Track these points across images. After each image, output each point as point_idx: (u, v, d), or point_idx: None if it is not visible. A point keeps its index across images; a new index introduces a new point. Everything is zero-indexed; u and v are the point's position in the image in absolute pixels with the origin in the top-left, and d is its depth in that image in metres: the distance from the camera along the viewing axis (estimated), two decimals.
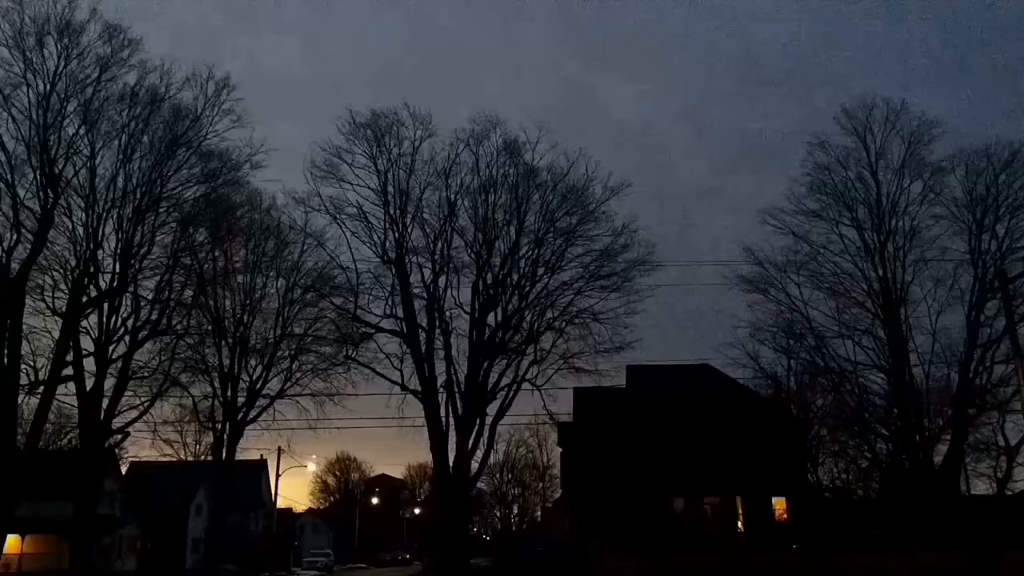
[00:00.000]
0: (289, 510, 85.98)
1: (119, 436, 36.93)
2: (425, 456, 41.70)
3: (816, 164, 36.64)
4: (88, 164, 32.02)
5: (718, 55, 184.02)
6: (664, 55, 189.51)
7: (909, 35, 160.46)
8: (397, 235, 37.56)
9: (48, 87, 30.47)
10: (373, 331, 37.84)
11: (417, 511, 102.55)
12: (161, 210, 34.17)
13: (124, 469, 56.59)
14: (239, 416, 40.74)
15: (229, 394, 40.44)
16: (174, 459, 63.83)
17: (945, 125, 35.20)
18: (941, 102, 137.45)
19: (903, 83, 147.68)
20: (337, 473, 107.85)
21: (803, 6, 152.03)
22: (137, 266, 33.75)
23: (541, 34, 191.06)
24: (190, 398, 39.97)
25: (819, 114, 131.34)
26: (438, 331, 37.48)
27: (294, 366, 41.24)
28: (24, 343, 30.39)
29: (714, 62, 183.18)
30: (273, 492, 62.28)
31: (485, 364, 37.02)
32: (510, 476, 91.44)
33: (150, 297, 34.66)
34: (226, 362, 40.34)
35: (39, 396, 31.17)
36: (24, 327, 30.37)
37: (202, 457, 61.78)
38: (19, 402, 31.29)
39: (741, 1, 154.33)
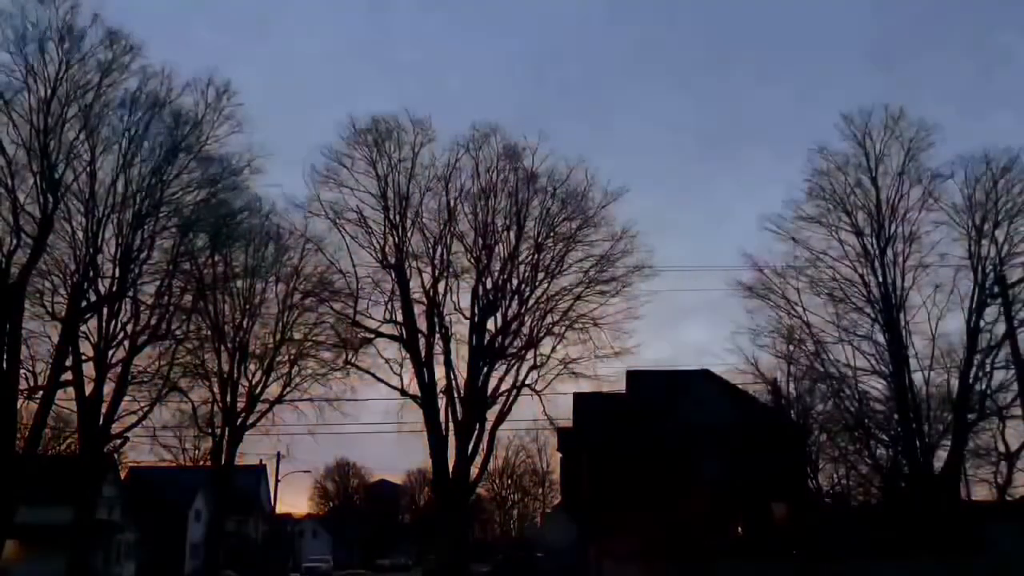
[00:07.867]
0: (288, 515, 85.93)
1: (118, 441, 36.79)
2: (425, 461, 41.68)
3: (815, 169, 36.67)
4: (88, 169, 31.87)
5: None
6: None
7: None
8: (397, 240, 37.67)
9: (49, 92, 30.29)
10: (373, 336, 37.92)
11: (417, 517, 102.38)
12: (161, 215, 34.05)
13: (123, 474, 56.52)
14: (238, 421, 40.76)
15: (228, 399, 40.44)
16: (173, 464, 63.82)
17: (945, 131, 35.25)
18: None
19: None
20: (336, 478, 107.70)
21: None
22: (137, 271, 33.63)
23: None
24: (189, 403, 39.90)
25: None
26: (438, 336, 37.56)
27: (293, 371, 41.29)
28: (23, 348, 30.29)
29: None
30: (272, 497, 62.25)
31: (485, 369, 37.06)
32: (510, 481, 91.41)
33: (150, 302, 34.57)
34: (225, 367, 40.35)
35: (38, 401, 31.10)
36: (23, 332, 30.29)
37: (201, 462, 61.60)
38: (18, 407, 31.25)
39: None
